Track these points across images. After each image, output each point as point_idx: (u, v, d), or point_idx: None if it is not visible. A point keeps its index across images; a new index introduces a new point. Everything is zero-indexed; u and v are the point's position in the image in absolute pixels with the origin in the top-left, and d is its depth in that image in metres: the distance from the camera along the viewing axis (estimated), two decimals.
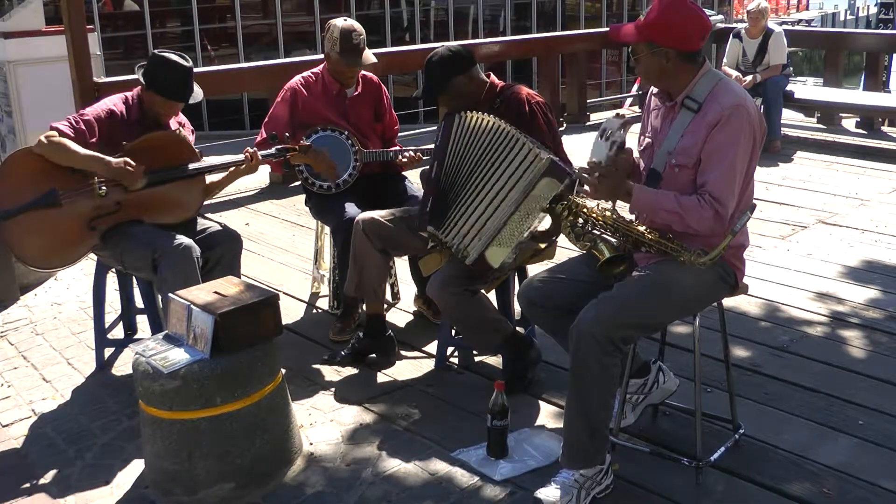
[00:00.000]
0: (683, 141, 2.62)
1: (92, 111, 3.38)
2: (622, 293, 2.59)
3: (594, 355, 2.51)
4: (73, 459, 3.00)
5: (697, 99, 2.61)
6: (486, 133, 3.09)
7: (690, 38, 2.61)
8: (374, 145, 4.04)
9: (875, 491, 2.73)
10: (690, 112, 2.62)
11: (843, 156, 7.18)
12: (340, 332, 3.86)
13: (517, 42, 10.53)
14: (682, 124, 2.63)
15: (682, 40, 2.60)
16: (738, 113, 2.55)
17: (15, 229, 3.23)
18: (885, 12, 27.92)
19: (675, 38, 2.60)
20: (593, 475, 2.63)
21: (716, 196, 2.54)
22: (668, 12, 2.60)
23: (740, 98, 2.59)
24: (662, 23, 2.60)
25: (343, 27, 3.89)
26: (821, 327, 3.95)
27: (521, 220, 2.94)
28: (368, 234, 3.51)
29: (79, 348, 3.86)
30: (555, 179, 2.85)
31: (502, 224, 2.98)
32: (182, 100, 3.45)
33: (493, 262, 3.03)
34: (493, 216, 3.01)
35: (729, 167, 2.55)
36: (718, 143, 2.55)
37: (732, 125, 2.54)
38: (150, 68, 3.43)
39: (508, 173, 2.96)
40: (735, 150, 2.55)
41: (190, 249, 3.28)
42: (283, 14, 18.49)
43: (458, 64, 3.34)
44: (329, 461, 2.95)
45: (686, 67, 2.63)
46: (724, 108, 2.55)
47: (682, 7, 2.62)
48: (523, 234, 2.97)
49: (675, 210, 2.56)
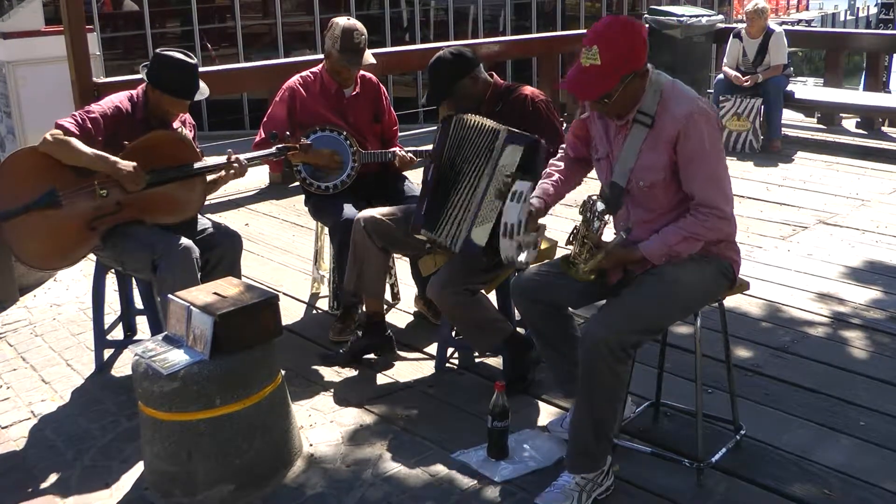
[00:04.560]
0: (643, 159, 2.57)
1: (98, 108, 3.37)
2: (629, 299, 2.58)
3: (606, 363, 2.51)
4: (73, 461, 3.00)
5: (648, 112, 2.55)
6: (474, 132, 3.19)
7: (645, 52, 2.54)
8: (373, 146, 4.04)
9: (876, 492, 2.72)
10: (643, 127, 2.56)
11: (844, 156, 7.17)
12: (340, 332, 3.85)
13: (517, 42, 10.52)
14: (637, 140, 2.57)
15: (643, 58, 2.53)
16: (695, 119, 2.50)
17: (15, 230, 3.22)
18: (885, 12, 27.90)
19: (641, 58, 2.52)
20: (594, 477, 2.63)
21: (708, 204, 2.54)
22: (625, 37, 2.50)
23: (690, 102, 2.54)
24: (626, 50, 2.48)
25: (345, 26, 3.89)
26: (822, 328, 3.95)
27: (495, 195, 3.06)
28: (369, 231, 3.50)
29: (78, 349, 3.85)
30: (515, 145, 3.03)
31: (480, 203, 3.11)
32: (189, 97, 3.45)
33: (480, 242, 3.10)
34: (472, 199, 3.13)
35: (710, 173, 2.54)
36: (688, 155, 2.52)
37: (695, 133, 2.50)
38: (155, 68, 3.41)
39: (482, 158, 3.13)
40: (708, 155, 2.52)
41: (189, 251, 3.27)
42: (283, 14, 18.47)
43: (462, 66, 3.34)
44: (329, 462, 2.94)
45: (643, 84, 2.57)
46: (678, 120, 2.50)
47: (629, 27, 2.52)
48: (499, 207, 3.02)
49: (685, 237, 2.55)
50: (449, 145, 3.28)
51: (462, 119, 3.24)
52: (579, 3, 23.27)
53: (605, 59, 2.46)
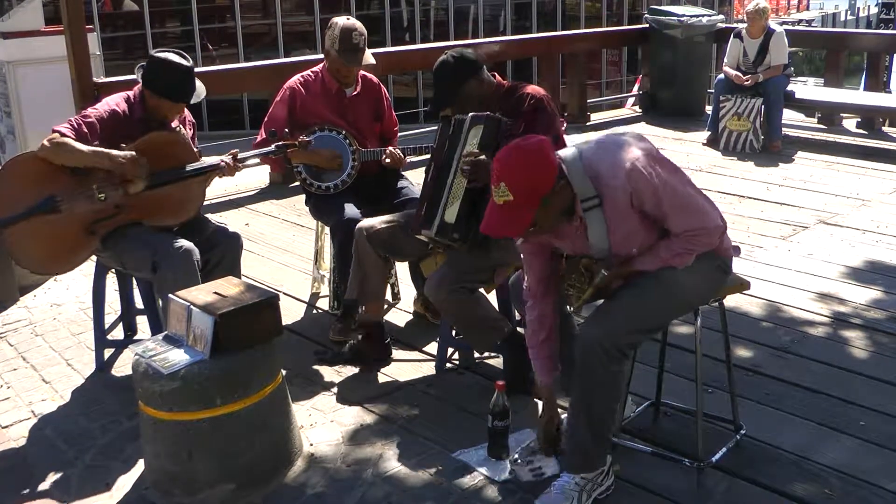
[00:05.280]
0: (616, 234, 2.50)
1: (94, 112, 3.36)
2: (625, 300, 2.57)
3: (602, 363, 2.50)
4: (73, 461, 3.00)
5: (589, 195, 2.46)
6: (457, 127, 3.28)
7: (550, 172, 2.43)
8: (373, 145, 4.04)
9: (876, 492, 2.72)
10: (596, 209, 2.48)
11: (844, 156, 7.17)
12: (340, 332, 3.85)
13: (517, 42, 10.51)
14: (598, 223, 2.49)
15: (554, 173, 2.42)
16: (634, 176, 2.43)
17: (15, 236, 3.22)
18: (885, 12, 27.94)
19: (552, 176, 2.42)
20: (594, 477, 2.63)
21: (689, 230, 2.51)
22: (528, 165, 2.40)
23: (615, 163, 2.44)
24: (537, 177, 2.40)
25: (345, 25, 3.89)
26: (822, 328, 3.95)
27: (461, 173, 3.20)
28: (370, 240, 3.50)
29: (78, 349, 3.85)
30: (478, 125, 3.20)
31: (450, 185, 3.24)
32: (185, 100, 3.44)
33: (450, 220, 3.20)
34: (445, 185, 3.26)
35: (676, 204, 2.48)
36: (649, 203, 2.46)
37: (643, 185, 2.43)
38: (150, 70, 3.40)
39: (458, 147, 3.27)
40: (665, 192, 2.46)
41: (189, 251, 3.27)
42: (283, 14, 18.50)
43: (467, 69, 3.33)
44: (329, 462, 2.94)
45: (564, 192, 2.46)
46: (621, 187, 2.43)
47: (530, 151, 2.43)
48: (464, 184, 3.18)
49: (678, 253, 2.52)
50: (446, 145, 3.32)
51: (451, 119, 3.31)
52: (579, 3, 23.29)
53: (515, 192, 2.38)
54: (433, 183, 3.34)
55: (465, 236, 3.18)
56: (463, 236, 3.18)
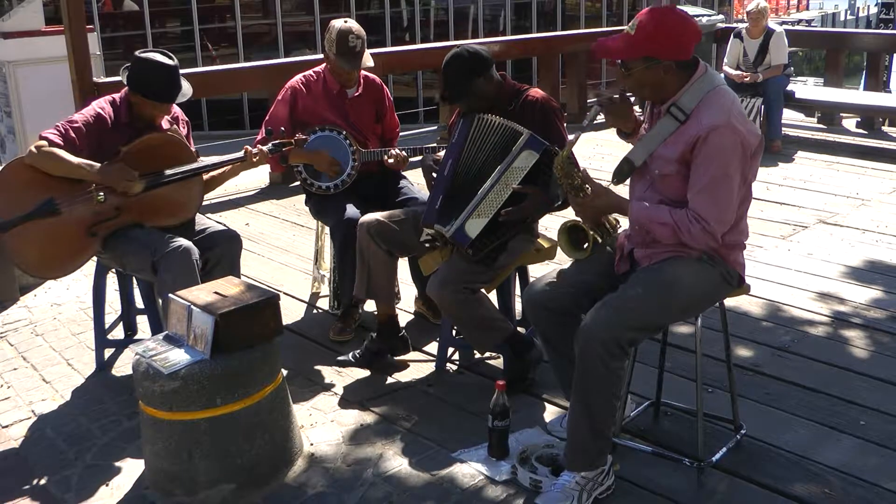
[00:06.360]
0: (663, 149, 2.59)
1: (80, 117, 3.34)
2: (627, 296, 2.58)
3: (600, 359, 2.51)
4: (73, 460, 3.00)
5: (684, 109, 2.57)
6: (497, 131, 3.21)
7: (686, 47, 2.59)
8: (374, 146, 4.04)
9: (877, 491, 2.72)
10: (675, 121, 2.58)
11: (844, 156, 7.18)
12: (340, 332, 3.85)
13: (517, 42, 10.52)
14: (664, 129, 2.59)
15: (678, 51, 2.57)
16: (713, 136, 2.49)
17: (15, 240, 3.21)
18: (885, 12, 27.94)
19: (673, 49, 2.56)
20: (594, 476, 2.63)
21: (698, 214, 2.53)
22: (663, 23, 2.56)
23: (720, 118, 2.52)
24: (660, 35, 2.55)
25: (341, 29, 3.87)
26: (822, 327, 3.95)
27: (499, 191, 3.13)
28: (373, 235, 3.49)
29: (79, 349, 3.85)
30: (532, 151, 3.11)
31: (483, 197, 3.15)
32: (169, 101, 3.42)
33: (471, 233, 3.15)
34: (478, 192, 3.16)
35: (709, 186, 2.52)
36: (697, 162, 2.53)
37: (708, 146, 2.50)
38: (134, 71, 3.38)
39: (498, 155, 3.18)
40: (712, 170, 2.51)
41: (189, 252, 3.27)
42: (283, 14, 18.48)
43: (479, 65, 3.32)
44: (330, 462, 2.94)
45: (680, 76, 2.60)
46: (701, 127, 2.51)
47: (674, 16, 2.60)
48: (500, 203, 3.13)
49: (668, 222, 2.55)
50: (471, 141, 3.25)
51: (485, 118, 3.24)
52: (579, 3, 23.27)
53: (637, 31, 2.55)
54: (455, 179, 3.25)
55: (477, 253, 3.16)
56: (475, 253, 3.17)
